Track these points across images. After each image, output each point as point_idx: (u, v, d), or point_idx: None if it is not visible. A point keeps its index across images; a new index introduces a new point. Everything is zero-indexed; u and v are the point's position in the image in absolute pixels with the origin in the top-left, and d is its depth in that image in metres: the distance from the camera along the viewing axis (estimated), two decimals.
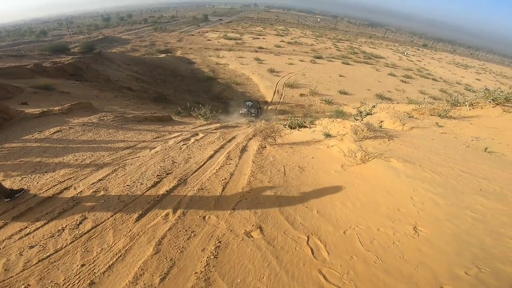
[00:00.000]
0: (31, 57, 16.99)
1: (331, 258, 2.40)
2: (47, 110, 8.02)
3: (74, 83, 13.62)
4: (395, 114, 8.67)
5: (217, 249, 2.42)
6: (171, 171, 3.76)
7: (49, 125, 6.73)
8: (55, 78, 13.41)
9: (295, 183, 3.65)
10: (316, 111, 21.14)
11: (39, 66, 13.57)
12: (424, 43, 73.20)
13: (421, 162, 4.30)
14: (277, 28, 58.20)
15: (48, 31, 47.04)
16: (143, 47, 35.66)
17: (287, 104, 21.98)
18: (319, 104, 22.50)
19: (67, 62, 14.95)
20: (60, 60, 15.81)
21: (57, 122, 6.94)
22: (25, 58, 16.75)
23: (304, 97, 23.11)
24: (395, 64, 36.94)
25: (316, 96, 23.30)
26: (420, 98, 21.98)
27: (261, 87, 25.28)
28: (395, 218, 2.94)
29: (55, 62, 14.84)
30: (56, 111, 8.02)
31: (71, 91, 12.00)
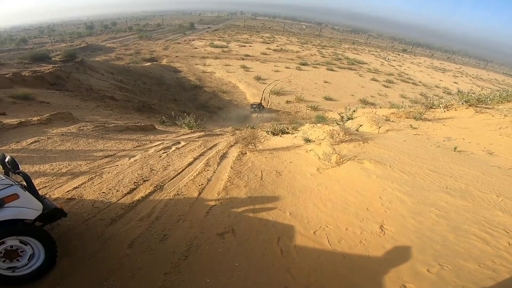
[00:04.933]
0: (10, 65, 16.56)
1: (300, 257, 2.50)
2: (25, 120, 7.84)
3: (54, 92, 13.35)
4: (373, 118, 9.00)
5: (188, 250, 2.50)
6: (148, 178, 3.80)
7: (27, 135, 6.59)
8: (34, 88, 13.10)
9: (270, 187, 3.76)
10: (303, 117, 21.51)
11: (18, 75, 13.24)
12: (404, 48, 76.27)
13: (391, 162, 4.50)
14: (263, 36, 59.22)
15: (29, 38, 45.89)
16: (128, 56, 35.37)
17: (274, 112, 22.29)
18: (305, 111, 22.94)
19: (47, 71, 14.66)
20: (40, 69, 15.48)
21: (35, 133, 6.80)
22: (4, 67, 16.31)
23: (290, 104, 23.50)
24: (378, 70, 38.28)
25: (302, 103, 23.74)
26: (401, 102, 22.86)
27: (247, 94, 25.51)
28: (363, 218, 3.07)
29: (34, 71, 14.52)
30: (35, 121, 7.85)
31: (51, 101, 11.75)
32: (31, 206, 2.36)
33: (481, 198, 3.46)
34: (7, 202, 2.22)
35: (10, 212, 2.25)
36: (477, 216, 3.02)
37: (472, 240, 2.64)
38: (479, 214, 3.06)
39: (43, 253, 2.46)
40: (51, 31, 61.10)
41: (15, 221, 2.32)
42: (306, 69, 33.81)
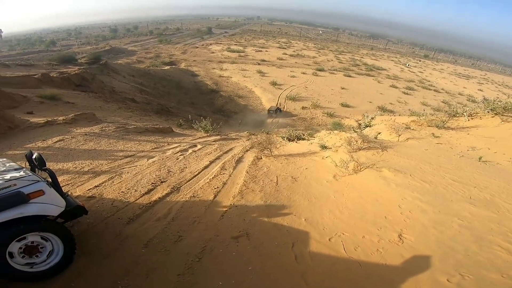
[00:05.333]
0: (39, 66, 17.59)
1: (314, 264, 2.46)
2: (52, 119, 8.28)
3: (79, 93, 14.01)
4: (392, 126, 8.75)
5: (202, 252, 2.51)
6: (165, 179, 3.87)
7: (52, 134, 6.94)
8: (61, 88, 13.82)
9: (286, 193, 3.73)
10: (318, 124, 21.23)
11: (47, 76, 14.03)
12: (425, 54, 73.83)
13: (412, 171, 4.35)
14: (280, 41, 59.41)
15: (57, 41, 48.63)
16: (148, 59, 36.54)
17: (289, 118, 22.16)
18: (321, 117, 22.62)
19: (73, 72, 15.43)
20: (67, 70, 16.33)
21: (60, 132, 7.15)
22: (34, 67, 17.35)
23: (306, 110, 23.25)
24: (397, 76, 37.27)
25: (318, 109, 23.43)
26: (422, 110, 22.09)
27: (263, 100, 25.54)
28: (381, 226, 3.00)
29: (62, 72, 15.33)
30: (60, 121, 8.27)
31: (76, 101, 12.34)
32: (55, 203, 2.40)
33: (507, 209, 3.31)
34: (33, 198, 2.26)
35: (35, 208, 2.29)
36: (502, 227, 2.88)
37: (496, 251, 2.55)
38: (504, 225, 2.93)
39: (62, 250, 2.48)
40: (78, 33, 64.53)
41: (39, 217, 2.35)
42: (323, 75, 33.49)
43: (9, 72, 14.71)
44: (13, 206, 2.15)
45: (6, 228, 2.17)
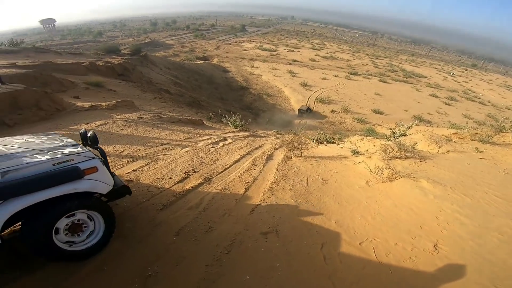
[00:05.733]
0: (87, 55, 19.00)
1: (343, 266, 2.40)
2: (95, 105, 8.91)
3: (120, 82, 14.92)
4: (431, 137, 8.23)
5: (231, 245, 2.54)
6: (198, 169, 3.98)
7: (95, 118, 7.47)
8: (105, 77, 14.82)
9: (316, 194, 3.66)
10: (347, 129, 20.54)
11: (93, 64, 15.11)
12: (473, 63, 67.94)
13: (452, 184, 4.13)
14: (313, 42, 58.30)
15: (104, 32, 52.18)
16: (184, 53, 37.81)
17: (317, 120, 21.71)
18: (350, 122, 21.84)
19: (117, 62, 16.47)
20: (111, 60, 17.46)
21: (103, 116, 7.68)
22: (82, 56, 18.76)
23: (335, 114, 22.59)
24: (439, 85, 34.80)
25: (348, 114, 22.64)
26: (464, 123, 20.45)
27: (292, 100, 25.24)
28: (415, 235, 2.90)
29: (107, 61, 16.43)
30: (103, 106, 8.87)
31: (118, 89, 13.15)
32: (106, 181, 2.44)
33: None
34: (87, 174, 2.30)
35: (88, 184, 2.32)
36: None
37: None
38: None
39: (102, 231, 2.48)
40: (123, 26, 68.70)
41: (89, 194, 2.38)
42: (356, 79, 32.30)
43: (60, 59, 16.04)
44: (70, 181, 2.20)
45: (60, 202, 2.21)
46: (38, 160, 2.16)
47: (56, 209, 2.19)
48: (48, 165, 2.14)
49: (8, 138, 2.65)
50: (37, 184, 2.05)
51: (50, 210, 2.17)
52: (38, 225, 2.12)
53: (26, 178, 2.02)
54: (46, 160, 2.17)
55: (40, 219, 2.13)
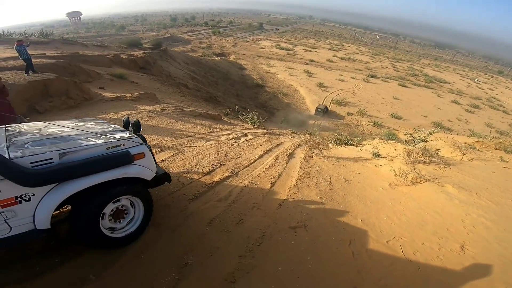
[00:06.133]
0: (111, 48, 19.58)
1: (371, 262, 2.46)
2: (120, 95, 9.22)
3: (142, 75, 15.32)
4: (454, 144, 8.03)
5: (261, 238, 2.60)
6: (224, 163, 4.08)
7: (121, 108, 7.73)
8: (128, 69, 15.25)
9: (340, 193, 3.69)
10: (362, 132, 20.15)
11: (117, 57, 15.58)
12: (499, 70, 64.77)
13: (478, 190, 4.12)
14: (331, 42, 57.39)
15: (126, 26, 53.48)
16: (201, 49, 38.15)
17: (332, 121, 21.45)
18: (366, 126, 21.40)
19: (139, 56, 16.90)
20: (134, 53, 17.93)
21: (128, 107, 7.93)
22: (106, 49, 19.36)
23: (351, 117, 22.21)
24: (461, 91, 33.51)
25: (364, 117, 22.18)
26: (485, 132, 19.73)
27: (307, 100, 24.97)
28: (442, 236, 2.94)
29: (129, 55, 16.89)
30: (127, 97, 9.16)
31: (139, 82, 13.52)
32: (151, 168, 2.44)
33: None
34: (136, 159, 2.30)
35: (136, 169, 2.31)
36: None
37: None
38: None
39: (141, 218, 2.47)
40: (144, 20, 70.19)
41: (135, 180, 2.35)
42: (374, 82, 31.57)
43: (87, 51, 16.62)
44: (122, 165, 2.21)
45: (110, 186, 2.19)
46: (94, 143, 2.19)
47: (107, 194, 2.19)
48: (102, 149, 2.18)
49: (58, 121, 2.70)
50: (94, 167, 2.06)
51: (101, 194, 2.17)
52: (88, 209, 2.11)
53: (83, 160, 2.04)
54: (101, 144, 2.21)
55: (91, 203, 2.13)
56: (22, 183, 1.78)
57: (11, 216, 1.82)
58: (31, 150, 1.94)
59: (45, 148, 1.99)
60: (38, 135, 2.23)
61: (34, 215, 1.91)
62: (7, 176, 1.72)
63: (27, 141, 2.07)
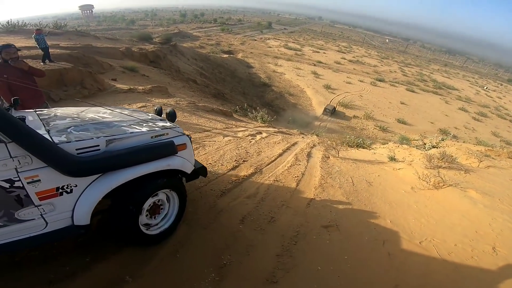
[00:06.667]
0: (122, 41, 19.62)
1: (408, 261, 2.45)
2: (133, 88, 9.22)
3: (153, 69, 15.32)
4: (469, 151, 7.98)
5: (296, 236, 2.56)
6: (246, 159, 4.05)
7: (135, 100, 7.73)
8: (139, 62, 15.26)
9: (364, 194, 3.66)
10: (368, 136, 20.03)
11: (129, 50, 15.60)
12: (509, 78, 64.07)
13: (500, 196, 4.11)
14: (340, 44, 57.12)
15: (136, 20, 53.57)
16: (210, 45, 38.12)
17: (338, 124, 21.34)
18: (372, 130, 21.28)
19: (150, 50, 16.91)
20: (144, 47, 17.94)
21: (141, 99, 7.93)
22: (118, 42, 19.39)
23: (357, 120, 22.09)
24: (470, 99, 33.24)
25: (370, 121, 22.05)
26: (492, 141, 19.56)
27: (313, 101, 24.89)
28: (472, 238, 2.94)
29: (140, 48, 16.90)
30: (140, 90, 9.17)
31: (150, 75, 13.51)
32: (190, 160, 2.27)
33: None
34: (179, 151, 2.13)
35: (179, 161, 2.14)
36: None
37: None
38: None
39: (175, 214, 2.29)
40: (154, 15, 70.29)
41: (174, 173, 2.17)
42: (382, 86, 31.41)
43: (99, 43, 16.64)
44: (166, 156, 2.05)
45: (153, 178, 2.01)
46: (139, 131, 2.00)
47: (149, 187, 2.01)
48: (147, 137, 2.00)
49: (93, 107, 2.52)
50: (141, 157, 1.88)
51: (144, 187, 1.98)
52: (130, 203, 1.93)
53: (131, 148, 1.85)
54: (146, 132, 2.02)
55: (134, 196, 1.94)
56: (67, 172, 1.56)
57: (48, 210, 1.61)
58: (76, 135, 1.72)
59: (91, 134, 1.79)
60: (78, 119, 2.01)
61: (74, 210, 1.70)
62: (53, 163, 1.49)
63: (69, 125, 1.86)
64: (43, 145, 1.45)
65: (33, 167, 1.48)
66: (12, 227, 1.53)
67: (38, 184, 1.51)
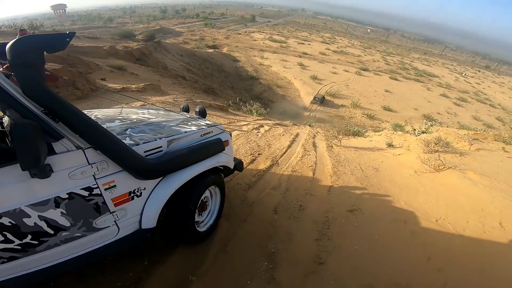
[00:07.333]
0: (104, 40, 18.89)
1: (431, 238, 2.66)
2: (126, 87, 9.02)
3: (140, 66, 14.93)
4: (458, 135, 8.43)
5: (327, 221, 2.72)
6: (260, 152, 4.15)
7: (132, 99, 7.57)
8: (124, 61, 14.81)
9: (374, 179, 3.86)
10: (356, 124, 20.54)
11: (113, 48, 15.11)
12: (487, 65, 67.03)
13: (496, 177, 4.40)
14: (324, 35, 57.53)
15: (114, 18, 51.38)
16: (193, 41, 37.29)
17: (326, 113, 21.72)
18: (359, 118, 21.80)
19: (135, 47, 16.43)
20: (128, 45, 17.40)
21: (137, 98, 7.79)
22: (99, 40, 18.67)
23: (345, 109, 22.56)
24: (450, 85, 34.61)
25: (358, 109, 22.57)
26: (473, 124, 20.59)
27: (301, 92, 25.09)
28: (480, 215, 3.18)
29: (125, 46, 16.38)
30: (133, 88, 8.99)
31: (139, 73, 13.20)
32: (232, 156, 2.31)
33: None
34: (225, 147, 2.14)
35: (225, 158, 2.16)
36: None
37: None
38: None
39: (217, 209, 2.31)
40: (132, 12, 67.60)
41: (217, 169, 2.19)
42: (367, 75, 32.04)
43: (80, 43, 15.97)
44: (216, 154, 2.07)
45: (204, 176, 2.00)
46: (191, 130, 2.03)
47: (202, 184, 2.01)
48: (198, 136, 2.03)
49: (123, 108, 2.52)
50: (198, 156, 1.91)
51: (199, 185, 1.98)
52: (189, 203, 1.92)
53: (189, 148, 1.87)
54: (197, 131, 2.04)
55: (193, 195, 1.94)
56: (143, 176, 1.56)
57: (121, 215, 1.58)
58: (140, 137, 1.71)
59: (151, 135, 1.77)
60: (127, 121, 1.98)
61: (142, 213, 1.68)
62: (130, 167, 1.47)
63: (125, 128, 1.82)
64: (122, 149, 1.42)
65: (109, 173, 1.45)
66: (90, 237, 1.48)
67: (114, 190, 1.48)
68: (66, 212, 1.32)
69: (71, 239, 1.40)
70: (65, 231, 1.36)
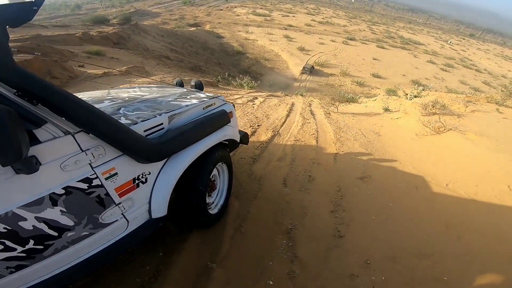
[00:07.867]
0: (75, 27, 17.59)
1: (445, 203, 2.63)
2: (108, 71, 8.49)
3: (119, 50, 14.07)
4: (451, 98, 8.48)
5: (339, 191, 2.61)
6: (259, 124, 4.00)
7: (116, 83, 7.16)
8: (101, 46, 13.90)
9: (378, 145, 3.79)
10: (347, 91, 20.47)
11: (87, 34, 14.12)
12: (471, 33, 67.02)
13: (496, 137, 4.41)
14: (308, 7, 55.54)
15: (82, 5, 47.57)
16: (173, 21, 35.32)
17: (316, 83, 21.47)
18: (349, 85, 21.67)
19: (111, 31, 15.43)
20: (103, 30, 16.27)
21: (121, 82, 7.36)
22: (70, 28, 17.33)
23: (334, 77, 22.34)
24: (436, 52, 34.57)
25: (347, 77, 22.40)
26: (461, 88, 20.87)
27: (290, 64, 24.56)
28: (488, 178, 3.15)
29: (99, 31, 15.33)
30: (116, 72, 8.47)
31: (119, 57, 12.45)
32: (237, 128, 2.12)
33: None
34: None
35: (231, 131, 1.97)
36: None
37: None
38: None
39: (226, 188, 2.13)
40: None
41: (223, 144, 2.00)
42: (354, 44, 31.57)
43: (49, 32, 14.76)
44: (222, 127, 1.88)
45: (211, 153, 1.80)
46: (192, 103, 1.80)
47: (210, 162, 1.80)
48: (200, 109, 1.81)
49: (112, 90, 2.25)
50: (204, 130, 1.71)
51: (207, 163, 1.77)
52: (199, 183, 1.72)
53: (193, 123, 1.66)
54: (198, 103, 1.82)
55: (200, 175, 1.74)
56: (146, 159, 1.34)
57: (128, 206, 1.37)
58: (137, 115, 1.46)
59: (149, 112, 1.53)
60: (119, 100, 1.72)
61: (151, 201, 1.47)
62: (131, 150, 1.26)
63: (117, 107, 1.56)
64: (119, 130, 1.19)
65: (108, 159, 1.24)
66: (98, 234, 1.29)
67: (116, 178, 1.27)
68: (66, 210, 1.13)
69: (79, 239, 1.22)
70: (70, 231, 1.18)
